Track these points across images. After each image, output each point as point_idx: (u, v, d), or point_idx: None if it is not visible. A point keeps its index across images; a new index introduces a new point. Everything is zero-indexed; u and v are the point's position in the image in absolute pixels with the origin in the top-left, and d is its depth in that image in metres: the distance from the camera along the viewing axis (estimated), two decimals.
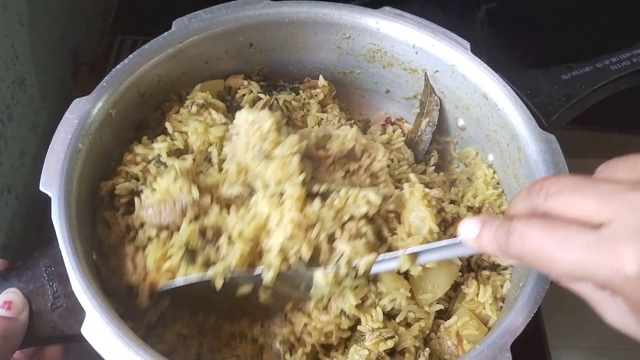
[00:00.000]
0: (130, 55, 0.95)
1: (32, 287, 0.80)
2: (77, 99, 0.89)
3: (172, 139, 0.95)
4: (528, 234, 0.55)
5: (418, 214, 0.88)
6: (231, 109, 1.02)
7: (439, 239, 0.87)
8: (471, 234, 0.65)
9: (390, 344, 0.83)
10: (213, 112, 0.97)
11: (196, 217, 0.86)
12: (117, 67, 0.93)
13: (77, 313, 0.76)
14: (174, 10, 1.02)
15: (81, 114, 0.88)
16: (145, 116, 1.01)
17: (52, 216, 0.79)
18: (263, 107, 1.02)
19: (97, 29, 1.47)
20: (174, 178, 0.87)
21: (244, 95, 1.05)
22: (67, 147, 0.85)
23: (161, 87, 1.00)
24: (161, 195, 0.87)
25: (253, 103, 1.04)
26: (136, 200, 0.88)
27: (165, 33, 0.98)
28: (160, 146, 0.93)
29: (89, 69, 1.39)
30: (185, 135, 0.96)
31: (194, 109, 0.96)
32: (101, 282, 0.82)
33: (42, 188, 0.81)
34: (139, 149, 0.93)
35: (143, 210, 0.87)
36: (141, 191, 0.89)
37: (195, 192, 0.86)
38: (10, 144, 1.08)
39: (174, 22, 1.00)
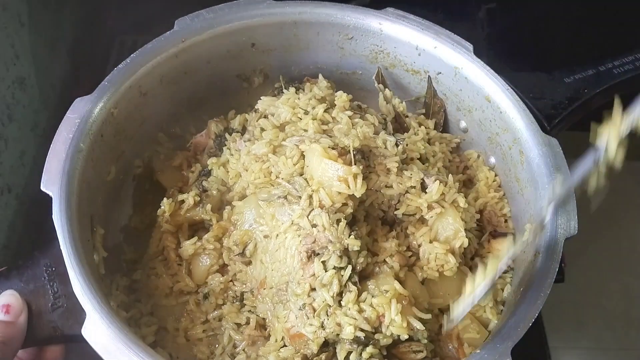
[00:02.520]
0: (132, 55, 0.95)
1: (32, 286, 0.80)
2: (79, 99, 0.89)
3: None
4: None
5: (453, 225, 0.89)
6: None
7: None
8: None
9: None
10: None
11: None
12: (119, 66, 0.93)
13: (77, 313, 0.76)
14: (175, 10, 1.02)
15: (83, 114, 0.87)
16: None
17: (53, 216, 0.79)
18: None
19: (97, 28, 1.46)
20: None
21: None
22: (69, 147, 0.84)
23: (163, 86, 0.99)
24: None
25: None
26: None
27: (168, 32, 0.98)
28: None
29: (89, 69, 1.38)
30: None
31: None
32: (101, 282, 0.82)
33: (43, 188, 0.81)
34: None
35: None
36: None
37: None
38: (10, 144, 1.07)
39: (176, 21, 0.99)
